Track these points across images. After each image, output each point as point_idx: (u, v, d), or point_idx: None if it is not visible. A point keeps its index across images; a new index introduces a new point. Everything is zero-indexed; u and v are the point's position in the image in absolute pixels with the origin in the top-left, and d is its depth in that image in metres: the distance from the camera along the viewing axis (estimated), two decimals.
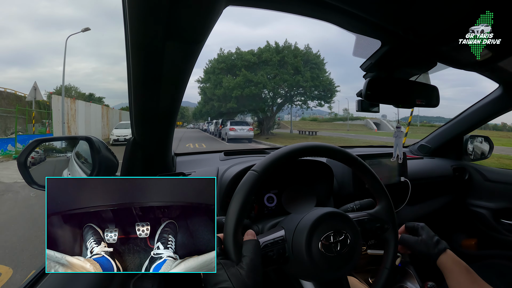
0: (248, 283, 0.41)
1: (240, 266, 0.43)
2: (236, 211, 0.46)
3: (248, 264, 0.43)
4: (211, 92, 21.71)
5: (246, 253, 0.44)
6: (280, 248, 0.50)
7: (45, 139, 0.75)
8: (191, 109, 48.38)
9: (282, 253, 0.50)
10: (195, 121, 48.12)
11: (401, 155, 0.84)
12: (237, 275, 0.41)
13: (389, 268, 0.58)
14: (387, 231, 0.60)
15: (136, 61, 0.52)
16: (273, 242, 0.50)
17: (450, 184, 1.28)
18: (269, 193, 0.87)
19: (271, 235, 0.52)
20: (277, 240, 0.51)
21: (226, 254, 0.45)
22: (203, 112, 27.78)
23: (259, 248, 0.46)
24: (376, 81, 0.67)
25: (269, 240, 0.50)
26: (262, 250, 0.48)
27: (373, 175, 0.60)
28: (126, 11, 0.44)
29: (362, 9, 0.51)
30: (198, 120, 42.00)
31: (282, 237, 0.51)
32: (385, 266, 0.59)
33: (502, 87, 1.10)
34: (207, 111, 25.95)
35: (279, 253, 0.50)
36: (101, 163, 0.72)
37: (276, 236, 0.51)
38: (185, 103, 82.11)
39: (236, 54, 20.47)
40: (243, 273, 0.42)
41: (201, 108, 28.12)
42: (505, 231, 1.24)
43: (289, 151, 0.53)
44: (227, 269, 0.41)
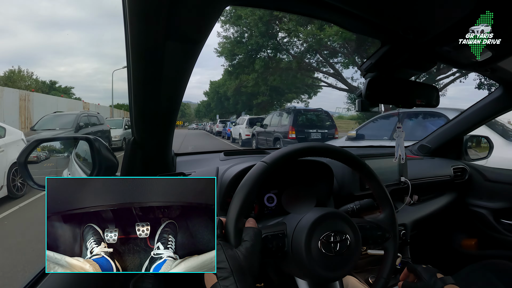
0: (244, 266, 0.42)
1: (239, 249, 0.44)
2: (242, 198, 0.47)
3: (247, 248, 0.44)
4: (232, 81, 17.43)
5: (246, 238, 0.45)
6: (280, 242, 0.51)
7: (46, 139, 0.75)
8: (193, 105, 42.45)
9: (281, 247, 0.51)
10: (198, 120, 41.81)
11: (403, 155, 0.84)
12: (235, 257, 0.42)
13: (386, 278, 0.58)
14: (387, 240, 0.60)
15: (136, 61, 0.52)
16: (274, 235, 0.51)
17: (450, 184, 1.28)
18: (269, 193, 0.87)
19: (272, 228, 0.52)
20: (277, 233, 0.51)
21: (226, 237, 0.46)
22: (211, 107, 24.33)
23: (260, 235, 0.47)
24: (376, 81, 0.67)
25: (270, 232, 0.51)
26: (262, 241, 0.49)
27: (379, 183, 0.60)
28: (126, 11, 0.44)
29: (362, 9, 0.51)
30: (202, 119, 37.37)
31: (283, 232, 0.52)
32: (382, 275, 0.59)
33: (502, 87, 1.10)
34: (218, 106, 22.87)
35: (278, 246, 0.51)
36: (101, 163, 0.72)
37: (277, 229, 0.52)
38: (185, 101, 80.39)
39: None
40: (241, 256, 0.43)
41: (209, 102, 24.69)
42: (505, 231, 1.24)
43: (301, 148, 0.54)
44: (225, 250, 0.43)
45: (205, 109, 27.82)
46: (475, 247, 1.32)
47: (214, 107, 24.27)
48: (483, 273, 0.98)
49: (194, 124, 36.62)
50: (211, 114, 27.91)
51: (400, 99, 0.71)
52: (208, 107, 26.21)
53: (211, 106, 24.27)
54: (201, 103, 31.52)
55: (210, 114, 27.90)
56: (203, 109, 29.30)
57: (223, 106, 24.00)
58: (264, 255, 0.49)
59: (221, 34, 15.53)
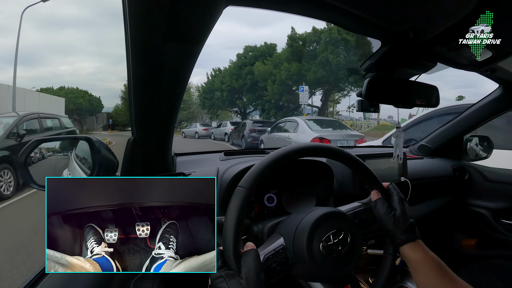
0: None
1: (240, 277, 0.43)
2: (232, 229, 0.45)
3: (246, 274, 0.43)
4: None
5: (244, 264, 0.44)
6: (283, 258, 0.50)
7: (45, 139, 0.75)
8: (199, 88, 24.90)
9: (285, 262, 0.50)
10: (205, 113, 25.01)
11: (401, 155, 0.84)
12: (237, 285, 0.42)
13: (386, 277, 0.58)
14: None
15: (136, 61, 0.52)
16: (274, 253, 0.50)
17: (450, 184, 1.28)
18: (269, 193, 0.87)
19: (270, 246, 0.51)
20: (277, 250, 0.50)
21: (228, 266, 0.45)
22: (237, 86, 17.34)
23: (258, 257, 0.46)
24: (376, 81, 0.67)
25: (270, 251, 0.50)
26: (265, 264, 0.48)
27: (362, 164, 0.58)
28: (126, 11, 0.44)
29: (362, 9, 0.51)
30: (217, 113, 23.00)
31: (282, 245, 0.51)
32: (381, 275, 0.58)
33: (502, 87, 1.10)
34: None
35: (282, 262, 0.49)
36: (101, 163, 0.72)
37: (276, 245, 0.51)
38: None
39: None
40: (243, 283, 0.42)
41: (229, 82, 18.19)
42: (505, 231, 1.24)
43: (271, 160, 0.50)
44: (228, 281, 0.42)
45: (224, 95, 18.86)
46: (475, 247, 1.32)
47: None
48: (483, 273, 0.98)
49: (199, 124, 17.46)
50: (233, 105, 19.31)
51: (400, 99, 0.71)
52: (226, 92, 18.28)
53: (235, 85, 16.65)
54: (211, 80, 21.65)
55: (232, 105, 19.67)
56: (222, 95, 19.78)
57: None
58: (270, 276, 0.48)
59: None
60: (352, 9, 0.50)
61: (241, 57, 20.23)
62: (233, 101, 21.20)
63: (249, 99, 20.21)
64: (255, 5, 0.50)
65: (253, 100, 19.99)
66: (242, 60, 19.95)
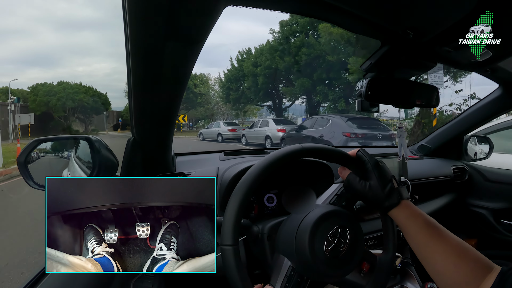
0: None
1: None
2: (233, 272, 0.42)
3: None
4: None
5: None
6: (297, 278, 0.50)
7: (45, 139, 0.75)
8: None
9: (301, 281, 0.50)
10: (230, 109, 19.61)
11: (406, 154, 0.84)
12: None
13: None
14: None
15: (136, 61, 0.52)
16: (288, 279, 0.50)
17: (450, 184, 1.28)
18: (269, 193, 0.87)
19: (280, 274, 0.50)
20: (289, 274, 0.50)
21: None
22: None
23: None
24: (376, 81, 0.67)
25: (282, 280, 0.50)
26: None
27: (322, 148, 0.55)
28: (126, 11, 0.44)
29: (362, 9, 0.51)
30: (244, 108, 18.20)
31: (290, 267, 0.51)
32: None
33: (502, 87, 1.10)
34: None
35: (298, 282, 0.50)
36: (101, 163, 0.72)
37: (285, 270, 0.50)
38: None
39: None
40: None
41: (269, 62, 12.99)
42: (505, 231, 1.24)
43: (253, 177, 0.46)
44: None
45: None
46: (475, 247, 1.31)
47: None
48: None
49: (224, 122, 13.03)
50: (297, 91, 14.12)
51: (400, 99, 0.71)
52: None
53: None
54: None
55: (298, 92, 14.15)
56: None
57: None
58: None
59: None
60: (352, 9, 0.50)
61: (286, 25, 13.21)
62: (270, 90, 15.08)
63: (302, 84, 13.46)
64: (255, 5, 0.50)
65: (309, 86, 13.20)
66: (290, 29, 13.02)
